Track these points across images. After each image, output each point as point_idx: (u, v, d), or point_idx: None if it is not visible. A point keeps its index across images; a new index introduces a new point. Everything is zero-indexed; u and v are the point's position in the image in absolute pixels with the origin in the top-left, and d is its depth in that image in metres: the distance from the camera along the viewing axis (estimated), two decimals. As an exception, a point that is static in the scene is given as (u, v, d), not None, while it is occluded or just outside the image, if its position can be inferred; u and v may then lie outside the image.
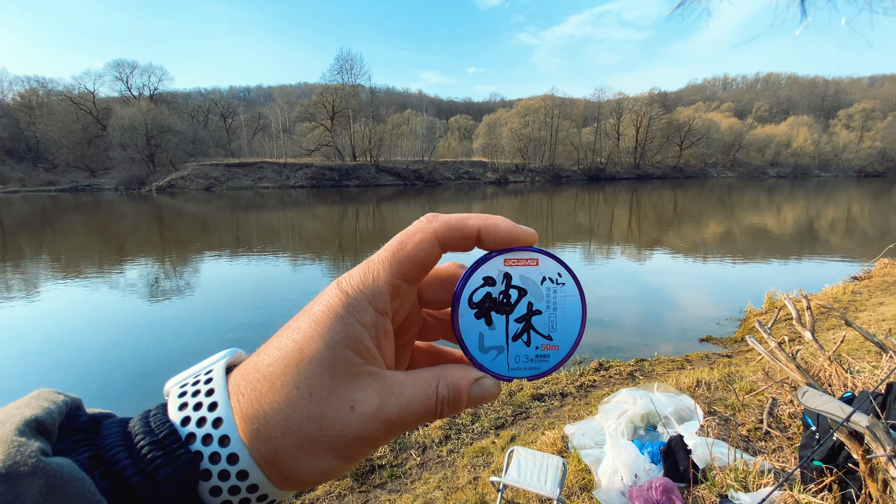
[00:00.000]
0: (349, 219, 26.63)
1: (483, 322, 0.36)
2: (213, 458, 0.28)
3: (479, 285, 0.36)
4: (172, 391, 0.31)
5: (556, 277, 0.36)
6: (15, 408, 0.26)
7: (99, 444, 0.27)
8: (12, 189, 51.07)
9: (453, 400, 0.33)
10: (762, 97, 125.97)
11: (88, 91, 64.40)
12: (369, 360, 0.31)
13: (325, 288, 0.32)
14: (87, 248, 17.24)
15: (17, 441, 0.23)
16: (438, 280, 0.37)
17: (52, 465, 0.23)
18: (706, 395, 4.46)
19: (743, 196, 41.67)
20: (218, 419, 0.29)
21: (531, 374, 0.36)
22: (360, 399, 0.30)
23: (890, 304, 7.38)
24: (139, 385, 5.70)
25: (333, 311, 0.30)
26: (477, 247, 0.35)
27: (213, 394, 0.30)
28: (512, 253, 0.36)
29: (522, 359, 0.36)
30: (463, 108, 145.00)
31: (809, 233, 19.55)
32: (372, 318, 0.31)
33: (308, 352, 0.29)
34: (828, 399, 1.97)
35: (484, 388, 0.34)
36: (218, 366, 0.32)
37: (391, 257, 0.32)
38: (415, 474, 3.68)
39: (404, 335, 0.38)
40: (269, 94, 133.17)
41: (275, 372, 0.29)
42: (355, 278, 0.32)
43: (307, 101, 71.49)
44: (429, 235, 0.33)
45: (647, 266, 13.29)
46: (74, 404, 0.29)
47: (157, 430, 0.28)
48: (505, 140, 71.84)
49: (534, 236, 0.35)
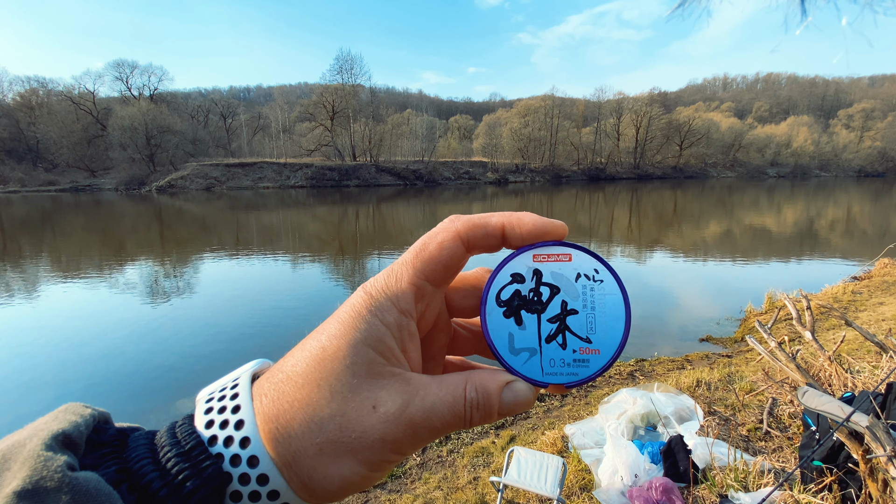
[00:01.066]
0: (349, 219, 26.62)
1: (513, 321, 0.34)
2: (234, 461, 0.27)
3: (506, 282, 0.34)
4: (200, 401, 0.31)
5: (592, 274, 0.33)
6: (43, 422, 0.26)
7: (126, 457, 0.27)
8: (12, 189, 51.06)
9: (483, 404, 0.31)
10: (762, 97, 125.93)
11: (88, 91, 64.43)
12: (392, 361, 0.30)
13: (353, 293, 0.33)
14: (87, 248, 17.24)
15: (43, 455, 0.23)
16: (466, 285, 0.36)
17: (78, 479, 0.23)
18: (706, 395, 4.46)
19: (743, 196, 41.66)
20: (240, 421, 0.28)
21: (570, 381, 0.34)
22: (383, 398, 0.29)
23: (890, 304, 7.37)
24: (139, 385, 5.71)
25: (357, 311, 0.30)
26: (504, 247, 0.34)
27: (237, 398, 0.30)
28: (541, 248, 0.34)
29: (558, 363, 0.33)
30: (463, 108, 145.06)
31: (809, 233, 19.54)
32: (395, 319, 0.30)
33: (330, 350, 0.29)
34: (828, 399, 1.96)
35: (517, 393, 0.32)
36: (245, 374, 0.32)
37: (414, 258, 0.32)
38: (415, 474, 3.68)
39: (434, 344, 0.37)
40: (269, 94, 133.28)
41: (297, 372, 0.29)
42: (379, 281, 0.32)
43: (307, 101, 71.48)
44: (451, 235, 0.32)
45: (646, 266, 13.28)
46: (102, 418, 0.29)
47: (183, 441, 0.28)
48: (505, 140, 71.83)
49: (563, 229, 0.34)
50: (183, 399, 5.23)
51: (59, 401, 2.74)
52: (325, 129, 64.18)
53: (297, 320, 8.02)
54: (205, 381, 0.32)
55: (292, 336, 6.15)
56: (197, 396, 0.32)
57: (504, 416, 0.32)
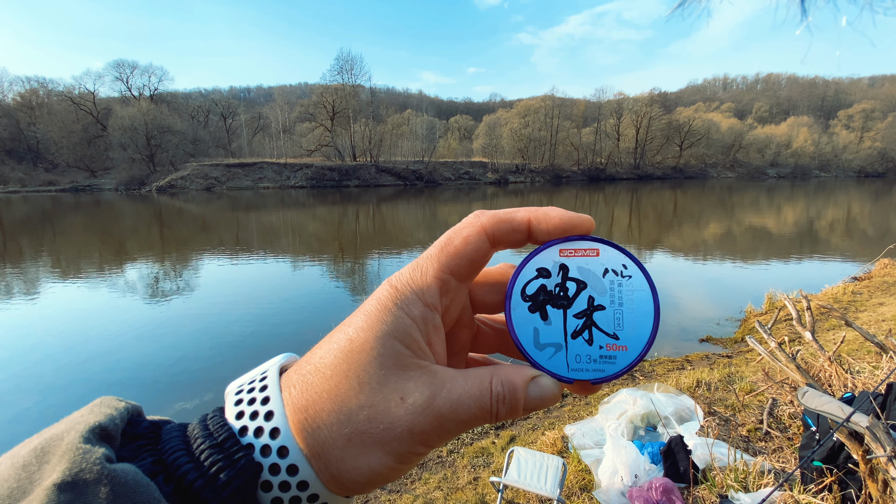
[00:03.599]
0: (349, 219, 26.62)
1: (538, 316, 0.33)
2: (265, 452, 0.28)
3: (532, 277, 0.33)
4: (230, 394, 0.31)
5: (620, 269, 0.33)
6: (79, 416, 0.26)
7: (161, 448, 0.27)
8: (12, 189, 51.05)
9: (509, 398, 0.31)
10: (762, 97, 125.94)
11: (88, 91, 64.38)
12: (418, 354, 0.30)
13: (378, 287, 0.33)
14: (86, 249, 17.24)
15: (82, 448, 0.23)
16: (490, 281, 0.36)
17: (116, 471, 0.23)
18: (706, 396, 4.46)
19: (743, 196, 41.66)
20: (269, 413, 0.29)
21: (596, 377, 0.33)
22: (410, 389, 0.29)
23: (890, 305, 7.37)
24: (139, 384, 5.71)
25: (383, 304, 0.31)
26: (529, 242, 0.34)
27: (266, 389, 0.30)
28: (568, 243, 0.33)
29: (584, 359, 0.33)
30: (463, 108, 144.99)
31: (809, 233, 19.54)
32: (420, 312, 0.31)
33: (357, 342, 0.30)
34: (828, 399, 1.96)
35: (542, 388, 0.32)
36: (273, 367, 0.32)
37: (439, 253, 0.32)
38: (415, 474, 3.68)
39: (458, 340, 0.37)
40: (269, 95, 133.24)
41: (325, 363, 0.30)
42: (405, 275, 0.32)
43: (307, 101, 71.52)
44: (476, 230, 0.32)
45: (647, 266, 13.24)
46: (136, 411, 0.29)
47: (216, 433, 0.28)
48: (505, 140, 71.85)
49: (590, 223, 0.33)
50: (182, 402, 5.22)
51: (59, 400, 2.74)
52: (325, 130, 64.18)
53: (297, 320, 8.02)
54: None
55: (292, 336, 6.14)
56: (226, 389, 0.32)
57: (529, 411, 0.32)
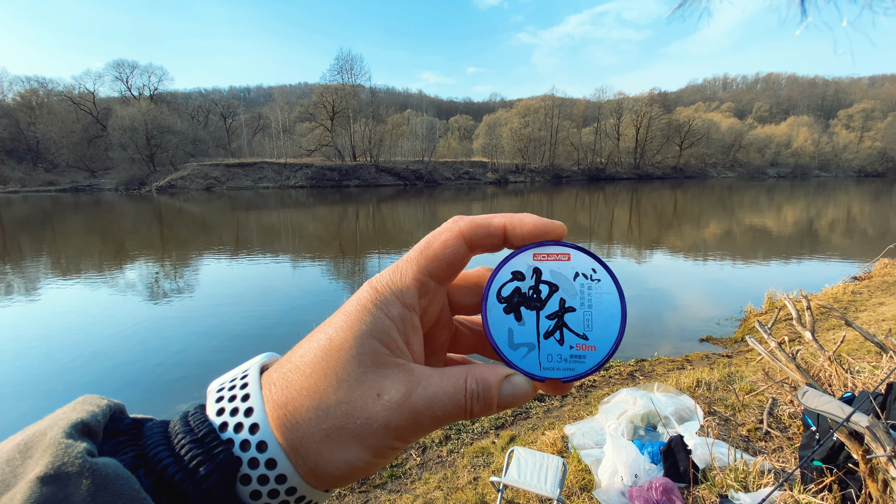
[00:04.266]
0: (349, 219, 26.61)
1: (512, 317, 0.35)
2: (244, 447, 0.28)
3: (507, 279, 0.35)
4: (211, 391, 0.32)
5: (590, 273, 0.34)
6: (62, 412, 0.27)
7: (142, 444, 0.28)
8: (12, 189, 51.03)
9: (483, 395, 0.32)
10: (762, 97, 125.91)
11: (88, 91, 64.38)
12: (396, 353, 0.31)
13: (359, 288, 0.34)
14: (87, 249, 17.24)
15: (64, 443, 0.24)
16: (468, 283, 0.38)
17: (98, 464, 0.24)
18: (706, 396, 4.46)
19: (743, 196, 41.67)
20: (249, 409, 0.29)
21: (566, 376, 0.34)
22: (387, 386, 0.30)
23: (890, 304, 7.37)
24: (138, 385, 5.71)
25: (363, 305, 0.32)
26: (505, 246, 0.35)
27: (246, 387, 0.31)
28: (541, 247, 0.35)
29: (556, 358, 0.34)
30: (463, 108, 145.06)
31: (809, 233, 19.54)
32: (399, 313, 0.32)
33: (337, 341, 0.31)
34: (828, 399, 1.96)
35: (515, 386, 0.33)
36: (254, 365, 0.33)
37: (418, 256, 0.33)
38: (415, 474, 3.68)
39: (436, 340, 0.38)
40: (269, 94, 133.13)
41: (305, 361, 0.31)
42: (385, 276, 0.33)
43: (307, 101, 71.47)
44: (454, 234, 0.33)
45: (647, 266, 13.28)
46: (118, 408, 0.30)
47: (196, 429, 0.29)
48: (505, 140, 71.83)
49: (562, 229, 0.35)
50: (181, 403, 5.22)
51: (56, 400, 2.72)
52: (325, 130, 64.16)
53: (298, 321, 8.02)
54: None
55: (292, 336, 6.13)
56: (208, 387, 0.33)
57: (503, 408, 0.33)
